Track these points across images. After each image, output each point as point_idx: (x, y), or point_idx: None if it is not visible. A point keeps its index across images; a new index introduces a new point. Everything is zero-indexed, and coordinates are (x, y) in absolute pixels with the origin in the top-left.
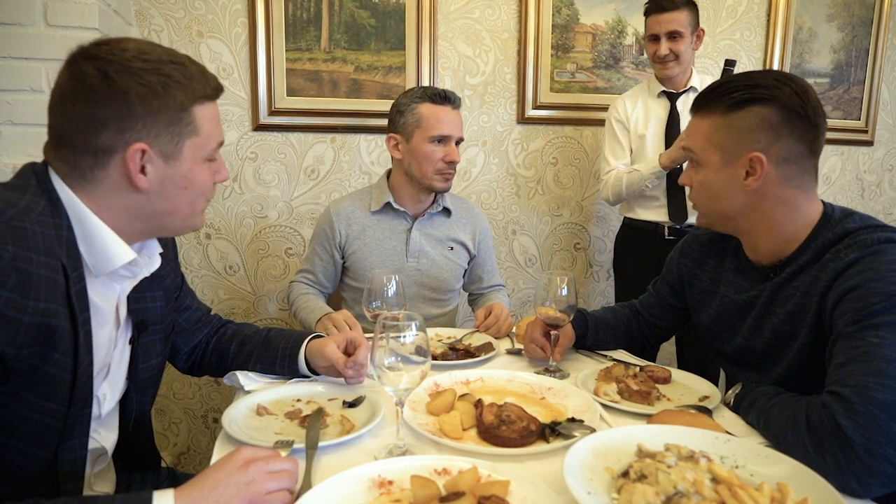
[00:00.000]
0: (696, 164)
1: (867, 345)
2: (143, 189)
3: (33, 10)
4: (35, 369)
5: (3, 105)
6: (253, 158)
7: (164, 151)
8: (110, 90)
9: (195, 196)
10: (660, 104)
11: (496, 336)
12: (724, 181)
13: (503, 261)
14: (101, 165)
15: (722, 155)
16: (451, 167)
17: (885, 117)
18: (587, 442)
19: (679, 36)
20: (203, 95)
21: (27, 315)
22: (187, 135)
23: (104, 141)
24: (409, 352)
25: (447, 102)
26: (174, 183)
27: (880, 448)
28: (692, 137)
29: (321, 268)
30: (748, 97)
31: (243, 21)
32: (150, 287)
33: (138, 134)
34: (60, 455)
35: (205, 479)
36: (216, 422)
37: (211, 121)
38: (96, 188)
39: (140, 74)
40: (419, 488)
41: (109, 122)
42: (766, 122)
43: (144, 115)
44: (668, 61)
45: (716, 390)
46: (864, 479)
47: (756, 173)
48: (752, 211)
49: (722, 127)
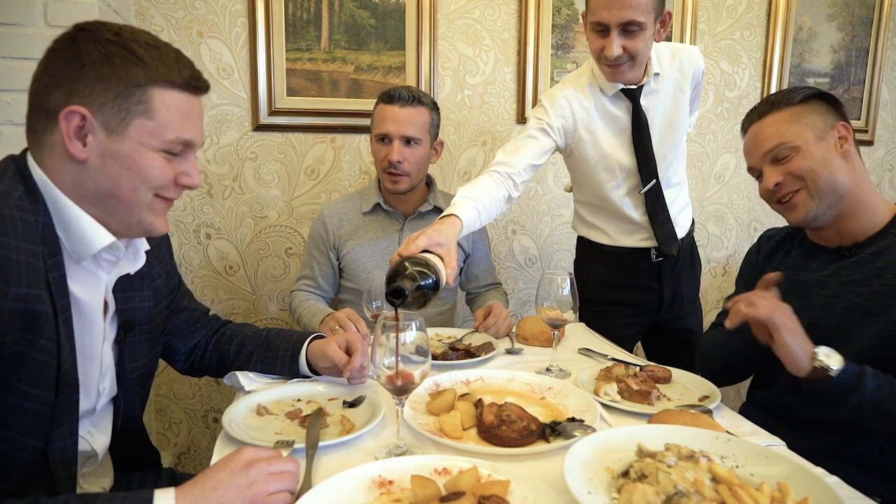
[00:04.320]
0: (785, 156)
1: None
2: (80, 158)
3: (33, 10)
4: (21, 356)
5: (3, 105)
6: (253, 158)
7: (108, 124)
8: (70, 53)
9: (138, 181)
10: (618, 106)
11: (496, 336)
12: (824, 153)
13: (503, 261)
14: (49, 129)
15: (814, 131)
16: (392, 167)
17: (885, 117)
18: (587, 442)
19: (638, 29)
20: (167, 80)
21: (9, 301)
22: (136, 113)
23: (54, 101)
24: (409, 352)
25: (394, 101)
26: (115, 160)
27: None
28: (774, 135)
29: (320, 271)
30: (811, 94)
31: (243, 21)
32: (139, 286)
33: (84, 99)
34: (51, 443)
35: (206, 479)
36: (216, 422)
37: (174, 111)
38: (48, 155)
39: (104, 44)
40: (419, 488)
41: (62, 83)
42: (825, 107)
43: (94, 80)
44: (620, 64)
45: (716, 390)
46: None
47: (847, 139)
48: (852, 185)
49: (805, 111)
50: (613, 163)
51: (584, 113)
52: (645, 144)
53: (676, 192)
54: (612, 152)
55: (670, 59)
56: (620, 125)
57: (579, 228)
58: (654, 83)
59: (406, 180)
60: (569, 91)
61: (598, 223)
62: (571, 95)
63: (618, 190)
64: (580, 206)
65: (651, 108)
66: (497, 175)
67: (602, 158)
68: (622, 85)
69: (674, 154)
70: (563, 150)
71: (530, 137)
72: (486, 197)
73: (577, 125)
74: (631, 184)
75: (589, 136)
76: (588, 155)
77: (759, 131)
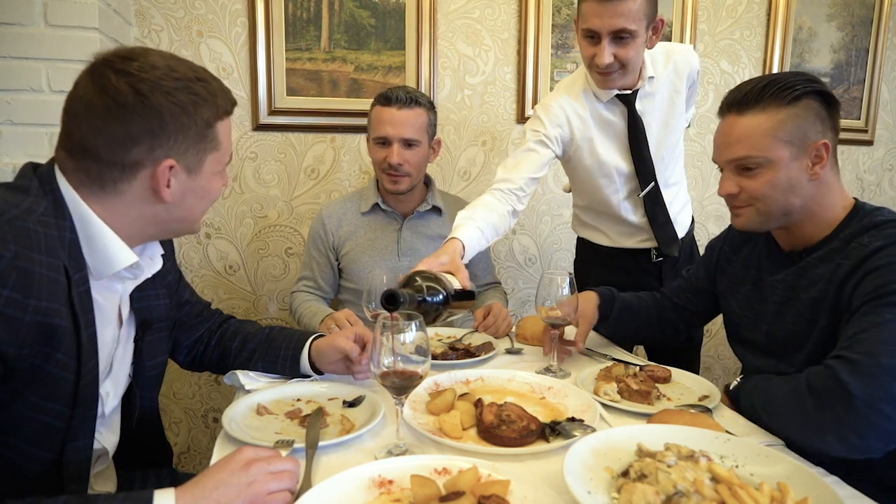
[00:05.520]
0: (752, 168)
1: (880, 318)
2: (167, 202)
3: (33, 10)
4: (37, 369)
5: (3, 105)
6: (253, 158)
7: (189, 166)
8: (144, 109)
9: (208, 204)
10: (613, 111)
11: (495, 335)
12: (794, 175)
13: (503, 261)
14: (127, 179)
15: (791, 149)
16: (391, 169)
17: (885, 117)
18: (587, 441)
19: (629, 36)
20: (224, 112)
21: (28, 314)
22: (210, 150)
23: (134, 156)
24: (409, 351)
25: (391, 103)
26: (193, 194)
27: (880, 403)
28: (745, 141)
29: (319, 271)
30: (808, 90)
31: (243, 21)
32: (153, 286)
33: (168, 151)
34: (66, 456)
35: (206, 479)
36: (216, 421)
37: (228, 135)
38: (116, 198)
39: (172, 93)
40: (419, 488)
41: (142, 140)
42: (818, 112)
43: (175, 132)
44: (611, 72)
45: (716, 390)
46: (864, 432)
47: (822, 160)
48: (810, 200)
49: (787, 120)
50: (611, 168)
51: (580, 121)
52: (642, 149)
53: (675, 192)
54: (610, 158)
55: (665, 60)
56: (616, 130)
57: (579, 230)
58: (648, 86)
59: (406, 180)
60: (563, 99)
61: (598, 225)
62: (566, 104)
63: (616, 195)
64: (579, 209)
65: (647, 111)
66: (499, 192)
67: (599, 165)
68: (617, 91)
69: (671, 155)
70: (562, 158)
71: (529, 151)
72: (486, 214)
73: (574, 134)
74: (629, 188)
75: (586, 143)
76: (586, 162)
77: (732, 130)
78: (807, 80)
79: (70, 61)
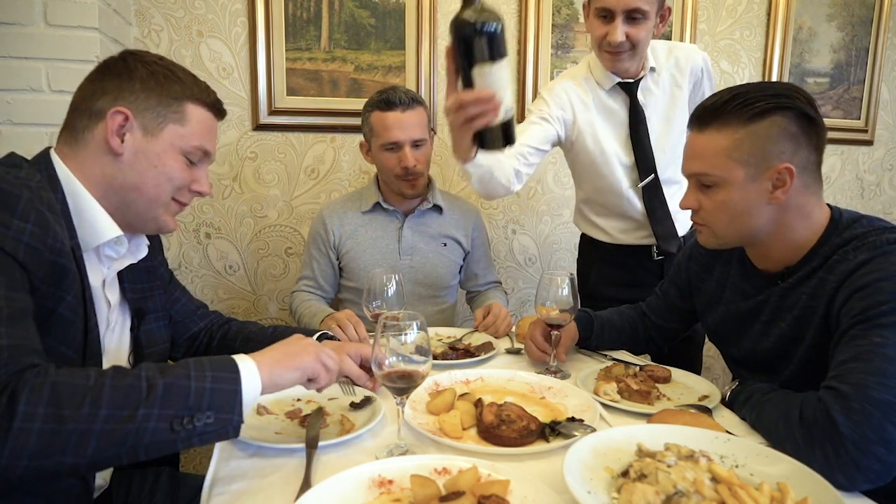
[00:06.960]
0: (709, 185)
1: (871, 344)
2: (117, 152)
3: (33, 9)
4: (50, 311)
5: (3, 105)
6: (253, 158)
7: (146, 126)
8: (121, 68)
9: (162, 179)
10: (615, 100)
11: (495, 335)
12: (751, 197)
13: (503, 260)
14: (91, 127)
15: (747, 170)
16: (409, 173)
17: (885, 117)
18: (587, 441)
19: (642, 17)
20: (199, 98)
21: (46, 251)
22: (172, 120)
23: (100, 104)
24: (409, 351)
25: (394, 107)
26: (146, 157)
27: (871, 445)
28: (702, 158)
29: (319, 271)
30: (772, 106)
31: (243, 21)
32: (146, 278)
33: (129, 103)
34: None
35: (274, 348)
36: None
37: (202, 124)
38: (83, 150)
39: (150, 64)
40: (419, 488)
41: (110, 90)
42: (786, 131)
43: (139, 90)
44: (621, 51)
45: (716, 390)
46: (852, 475)
47: (785, 185)
48: (773, 224)
49: (745, 139)
50: (612, 157)
51: (583, 106)
52: (642, 138)
53: (677, 190)
54: (611, 146)
55: (666, 54)
56: (618, 119)
57: (581, 225)
58: (650, 78)
59: (421, 180)
60: (567, 84)
61: (599, 221)
62: (570, 88)
63: (617, 185)
64: (581, 202)
65: (648, 103)
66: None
67: (601, 152)
68: (619, 79)
69: (673, 152)
70: (564, 144)
71: (533, 123)
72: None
73: (577, 117)
74: (630, 179)
75: (588, 128)
76: (589, 148)
77: (692, 144)
78: (776, 94)
79: (70, 61)
